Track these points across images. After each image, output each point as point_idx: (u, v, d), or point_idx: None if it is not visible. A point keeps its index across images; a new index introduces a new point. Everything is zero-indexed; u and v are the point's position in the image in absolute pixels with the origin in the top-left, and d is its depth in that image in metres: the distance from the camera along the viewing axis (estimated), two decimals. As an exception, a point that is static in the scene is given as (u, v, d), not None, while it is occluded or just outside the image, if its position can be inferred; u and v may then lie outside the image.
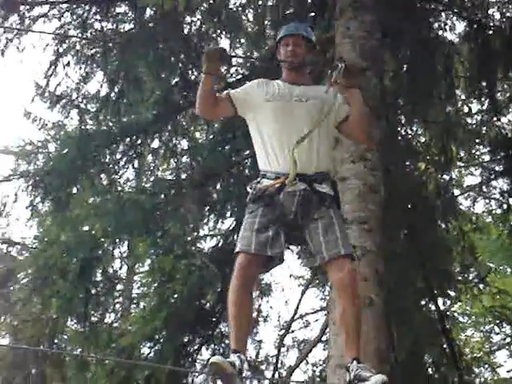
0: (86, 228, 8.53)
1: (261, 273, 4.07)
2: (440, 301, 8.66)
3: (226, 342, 8.66)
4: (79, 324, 8.60)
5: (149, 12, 8.49)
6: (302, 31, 4.21)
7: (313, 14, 8.59)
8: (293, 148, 3.84)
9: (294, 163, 3.82)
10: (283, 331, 9.86)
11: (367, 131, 4.17)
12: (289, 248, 4.20)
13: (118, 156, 9.03)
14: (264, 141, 4.00)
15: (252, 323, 4.03)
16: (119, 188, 9.28)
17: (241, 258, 3.78)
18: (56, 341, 9.52)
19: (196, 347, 8.47)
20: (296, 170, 3.82)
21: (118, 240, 8.76)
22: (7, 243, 11.10)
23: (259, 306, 9.34)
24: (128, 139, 8.92)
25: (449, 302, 9.38)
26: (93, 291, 8.49)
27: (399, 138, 8.68)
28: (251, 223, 3.86)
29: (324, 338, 8.92)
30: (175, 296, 8.11)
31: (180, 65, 8.58)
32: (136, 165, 9.74)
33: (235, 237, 8.76)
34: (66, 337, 9.97)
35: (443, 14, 8.70)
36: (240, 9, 8.91)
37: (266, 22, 8.98)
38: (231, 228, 8.95)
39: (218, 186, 8.78)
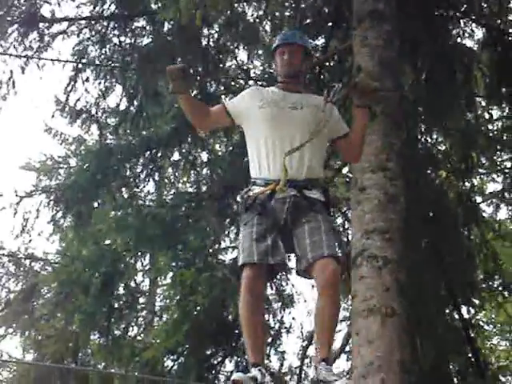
0: (107, 242, 8.56)
1: (267, 282, 4.05)
2: (464, 309, 8.60)
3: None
4: (102, 338, 8.62)
5: (167, 26, 8.53)
6: (297, 40, 4.20)
7: (330, 24, 8.59)
8: (285, 155, 3.83)
9: (285, 170, 3.80)
10: (306, 342, 9.81)
11: (361, 152, 4.21)
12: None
13: (139, 170, 9.05)
14: (257, 148, 4.01)
15: (267, 333, 4.02)
16: (140, 201, 9.30)
17: (246, 271, 3.75)
18: (80, 355, 9.52)
19: (219, 359, 8.45)
20: (287, 177, 3.81)
21: (139, 253, 8.78)
22: (30, 258, 11.14)
23: (281, 317, 9.30)
24: (148, 153, 8.94)
25: (473, 311, 9.28)
26: (115, 305, 8.51)
27: (419, 146, 8.63)
28: (249, 233, 3.84)
29: (347, 349, 8.86)
30: (197, 309, 8.10)
31: (198, 77, 8.60)
32: (156, 178, 9.76)
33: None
34: (89, 351, 9.97)
35: (462, 21, 8.66)
36: (257, 20, 8.91)
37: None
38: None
39: (238, 198, 8.76)
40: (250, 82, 9.00)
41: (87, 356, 10.20)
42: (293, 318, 9.71)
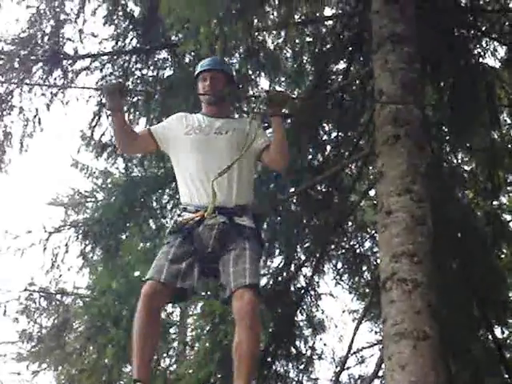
0: (136, 274, 8.57)
1: (166, 304, 4.06)
2: (497, 329, 8.50)
3: (282, 381, 8.60)
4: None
5: (188, 57, 8.59)
6: (217, 66, 4.30)
7: (350, 48, 8.61)
8: (213, 180, 3.86)
9: (214, 196, 3.83)
10: (339, 368, 9.73)
11: (286, 159, 4.16)
12: (206, 280, 4.19)
13: (165, 201, 9.08)
14: (185, 175, 4.05)
15: (154, 353, 4.00)
16: (167, 232, 9.29)
17: (147, 285, 3.77)
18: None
19: (253, 389, 8.40)
20: (215, 203, 3.83)
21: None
22: (61, 293, 11.20)
23: (313, 343, 9.24)
24: (173, 184, 8.97)
25: (507, 331, 9.17)
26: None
27: (445, 166, 8.60)
28: (166, 253, 3.87)
29: (380, 373, 8.78)
30: (228, 338, 8.07)
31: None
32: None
33: (285, 275, 8.74)
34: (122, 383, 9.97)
35: (483, 40, 8.64)
36: (277, 48, 8.95)
37: (304, 59, 9.03)
38: (280, 266, 8.91)
39: (265, 226, 8.75)
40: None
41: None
42: (324, 344, 9.66)
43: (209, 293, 8.35)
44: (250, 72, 8.85)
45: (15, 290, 11.46)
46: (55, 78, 8.45)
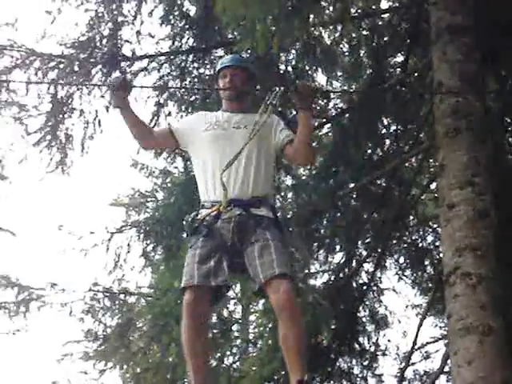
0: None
1: (210, 304, 3.97)
2: None
3: (346, 378, 8.56)
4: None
5: (244, 55, 8.60)
6: (238, 62, 4.30)
7: (408, 40, 8.52)
8: (221, 173, 3.86)
9: (224, 188, 3.83)
10: (403, 364, 9.63)
11: (309, 155, 4.14)
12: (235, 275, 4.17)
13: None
14: (203, 170, 4.06)
15: (208, 356, 4.03)
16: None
17: (187, 294, 3.79)
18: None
19: (316, 386, 8.38)
20: (227, 196, 3.84)
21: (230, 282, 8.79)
22: (124, 293, 11.32)
23: (376, 339, 9.16)
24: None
25: None
26: (209, 335, 8.54)
27: (507, 158, 8.45)
28: (192, 256, 3.87)
29: (446, 369, 8.66)
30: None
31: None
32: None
33: (346, 271, 8.69)
34: (186, 382, 10.03)
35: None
36: (334, 43, 8.90)
37: (361, 53, 8.96)
38: (341, 262, 8.87)
39: (325, 222, 8.72)
40: (330, 105, 8.98)
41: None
42: (388, 340, 9.58)
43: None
44: (307, 68, 8.82)
45: (80, 291, 11.64)
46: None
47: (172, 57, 8.79)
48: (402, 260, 9.64)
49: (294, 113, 7.77)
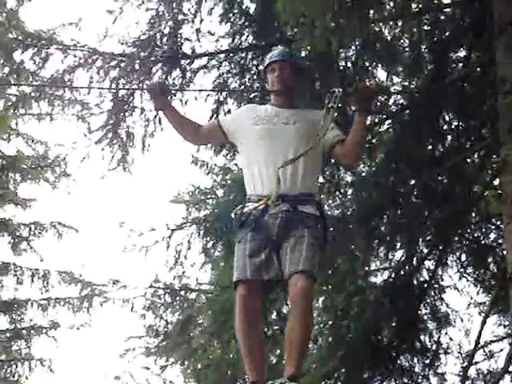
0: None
1: (262, 296, 4.02)
2: None
3: (407, 376, 8.49)
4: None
5: (304, 52, 8.57)
6: (286, 56, 4.26)
7: (471, 35, 8.40)
8: (279, 168, 3.86)
9: (278, 183, 3.83)
10: (466, 363, 9.50)
11: (359, 156, 4.23)
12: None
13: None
14: (251, 165, 4.06)
15: (264, 351, 4.02)
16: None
17: (240, 288, 3.81)
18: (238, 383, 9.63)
19: (377, 383, 8.33)
20: (279, 191, 3.83)
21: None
22: (185, 289, 11.38)
23: (438, 337, 9.07)
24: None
25: None
26: (269, 332, 8.57)
27: None
28: (243, 250, 3.88)
29: (511, 369, 8.54)
30: (351, 333, 8.04)
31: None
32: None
33: (407, 268, 8.62)
34: (247, 377, 10.05)
35: None
36: (394, 38, 8.81)
37: (422, 49, 8.86)
38: (402, 260, 8.80)
39: (385, 219, 8.65)
40: (391, 101, 8.89)
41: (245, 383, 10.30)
42: (450, 339, 9.47)
43: (330, 287, 8.35)
44: (367, 64, 8.75)
45: (141, 287, 11.75)
46: (174, 78, 8.59)
47: (232, 54, 8.81)
48: (463, 257, 9.51)
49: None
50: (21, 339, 15.82)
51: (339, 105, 4.02)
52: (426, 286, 8.86)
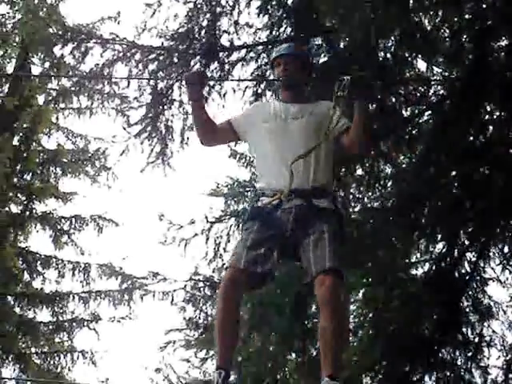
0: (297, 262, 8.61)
1: (249, 290, 4.08)
2: None
3: (449, 369, 8.42)
4: (299, 358, 8.67)
5: (342, 43, 8.52)
6: (292, 51, 4.29)
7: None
8: (291, 163, 3.85)
9: (291, 178, 3.82)
10: (510, 356, 9.39)
11: (363, 144, 4.11)
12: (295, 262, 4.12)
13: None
14: (263, 161, 4.09)
15: (238, 340, 3.93)
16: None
17: (228, 272, 3.79)
18: (278, 375, 9.64)
19: (418, 376, 8.27)
20: (292, 186, 3.82)
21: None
22: (222, 282, 11.44)
23: (481, 330, 8.97)
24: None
25: None
26: (309, 325, 8.55)
27: None
28: (245, 240, 3.88)
29: None
30: (392, 325, 7.98)
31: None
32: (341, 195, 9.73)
33: (448, 260, 8.54)
34: (287, 370, 10.06)
35: None
36: (435, 28, 8.71)
37: (463, 38, 8.74)
38: (443, 252, 8.71)
39: (426, 211, 8.57)
40: (431, 92, 8.80)
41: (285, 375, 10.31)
42: (493, 331, 9.36)
43: (370, 279, 8.31)
44: (407, 54, 8.66)
45: (181, 280, 11.81)
46: (212, 71, 8.60)
47: (270, 46, 8.77)
48: (506, 249, 9.39)
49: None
50: (63, 332, 16.01)
51: (347, 93, 3.99)
52: (467, 278, 8.76)
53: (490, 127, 8.68)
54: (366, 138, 4.07)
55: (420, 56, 8.71)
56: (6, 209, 15.77)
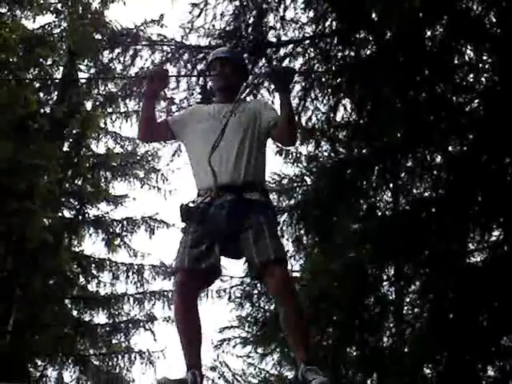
0: (351, 255, 8.62)
1: (202, 288, 4.13)
2: None
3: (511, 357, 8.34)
4: (358, 350, 8.68)
5: (388, 35, 8.48)
6: (228, 55, 4.48)
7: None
8: (208, 159, 3.97)
9: (213, 175, 3.95)
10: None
11: (290, 135, 4.20)
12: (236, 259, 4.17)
13: (374, 180, 9.04)
14: (196, 161, 4.16)
15: (201, 339, 3.97)
16: (379, 212, 9.29)
17: (177, 276, 3.91)
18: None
19: (480, 366, 8.21)
20: (217, 182, 3.94)
21: (384, 264, 8.76)
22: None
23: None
24: (381, 163, 8.90)
25: None
26: (366, 317, 8.55)
27: None
28: (185, 241, 3.97)
29: None
30: (451, 315, 7.94)
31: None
32: (392, 186, 9.70)
33: (505, 248, 8.46)
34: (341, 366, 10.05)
35: None
36: (482, 14, 8.63)
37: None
38: (499, 240, 8.63)
39: (480, 199, 8.50)
40: (482, 79, 8.72)
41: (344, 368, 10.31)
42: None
43: (427, 270, 8.27)
44: (454, 42, 8.59)
45: (236, 277, 11.87)
46: (260, 67, 8.63)
47: (316, 40, 8.79)
48: None
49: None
50: (120, 333, 16.18)
51: (258, 83, 4.19)
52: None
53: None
54: (291, 129, 4.18)
55: (468, 43, 8.65)
56: (60, 214, 15.97)
